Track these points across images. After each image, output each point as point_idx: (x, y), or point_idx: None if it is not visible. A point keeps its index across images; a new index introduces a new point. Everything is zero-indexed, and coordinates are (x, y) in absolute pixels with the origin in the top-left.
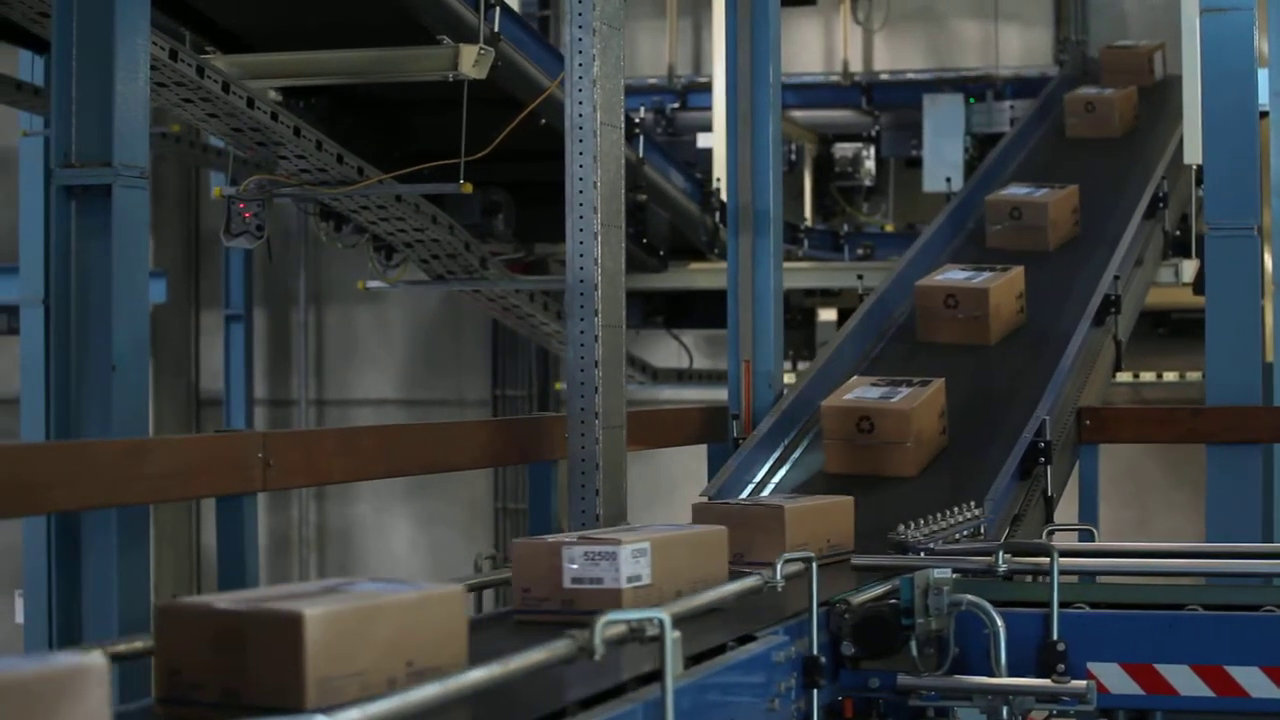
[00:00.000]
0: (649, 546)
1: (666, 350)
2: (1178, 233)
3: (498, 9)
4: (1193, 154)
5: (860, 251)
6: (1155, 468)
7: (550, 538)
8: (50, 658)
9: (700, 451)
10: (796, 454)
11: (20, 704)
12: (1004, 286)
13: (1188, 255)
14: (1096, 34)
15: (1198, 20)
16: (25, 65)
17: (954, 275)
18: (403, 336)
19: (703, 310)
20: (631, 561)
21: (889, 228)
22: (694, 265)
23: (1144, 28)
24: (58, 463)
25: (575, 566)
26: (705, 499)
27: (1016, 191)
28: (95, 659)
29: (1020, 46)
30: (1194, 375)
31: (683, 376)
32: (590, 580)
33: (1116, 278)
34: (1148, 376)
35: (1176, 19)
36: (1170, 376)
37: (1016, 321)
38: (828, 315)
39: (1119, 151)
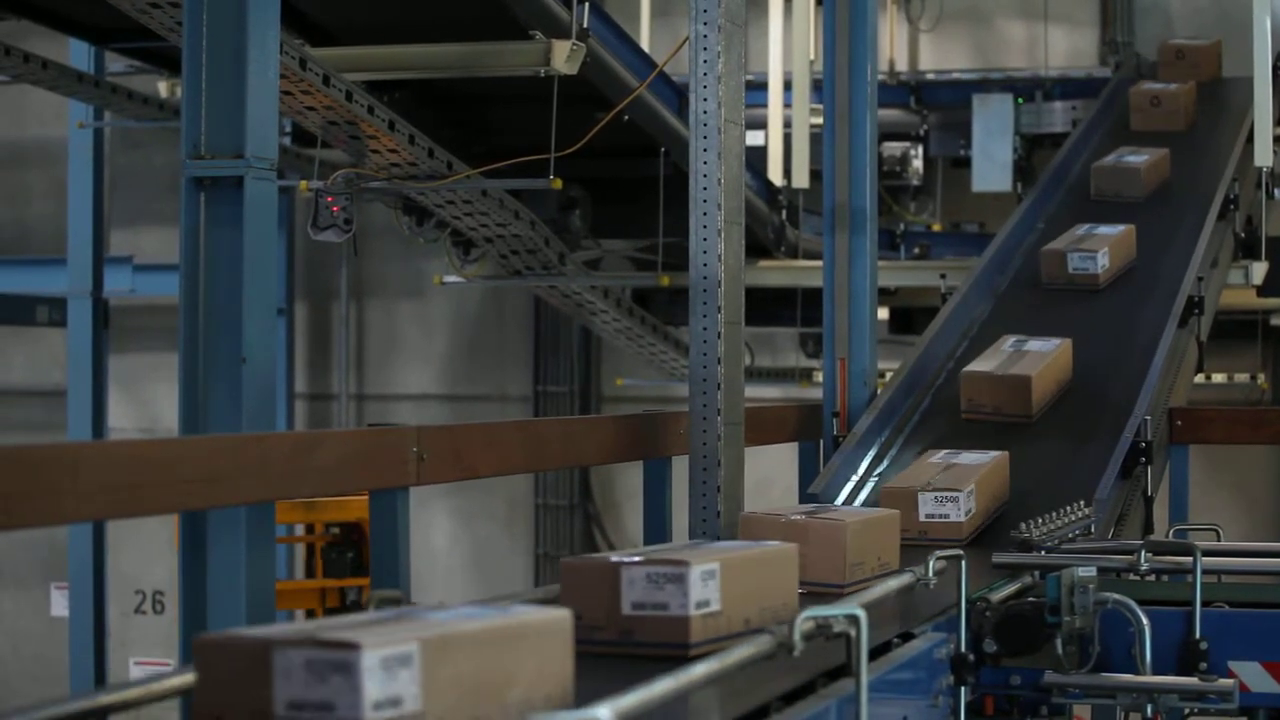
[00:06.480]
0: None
1: None
2: (1242, 234)
3: (586, 4)
4: (1263, 156)
5: (916, 250)
6: (1196, 470)
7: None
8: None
9: None
10: (893, 451)
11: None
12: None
13: (1256, 257)
14: (1143, 34)
15: (1268, 20)
16: (79, 56)
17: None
18: (444, 332)
19: (762, 308)
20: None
21: (936, 227)
22: (763, 263)
23: (1190, 28)
24: (237, 456)
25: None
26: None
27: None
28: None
29: (1067, 47)
30: (1241, 377)
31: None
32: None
33: (1200, 279)
34: (1196, 378)
35: (1223, 18)
36: (1219, 378)
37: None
38: (880, 314)
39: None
